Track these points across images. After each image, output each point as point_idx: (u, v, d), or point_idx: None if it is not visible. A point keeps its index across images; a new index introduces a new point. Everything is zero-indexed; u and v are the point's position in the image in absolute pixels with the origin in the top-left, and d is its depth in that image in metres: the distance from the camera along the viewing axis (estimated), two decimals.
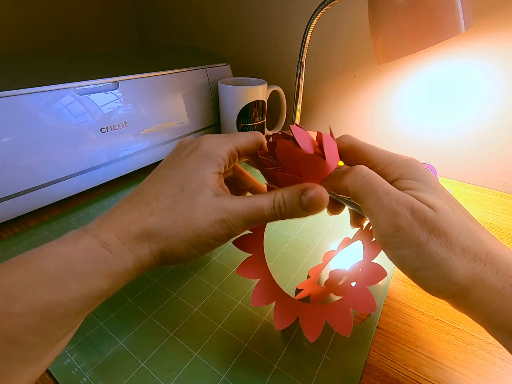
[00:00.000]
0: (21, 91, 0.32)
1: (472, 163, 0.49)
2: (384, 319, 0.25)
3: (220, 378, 0.21)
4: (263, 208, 0.18)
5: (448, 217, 0.16)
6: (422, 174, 0.18)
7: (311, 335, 0.20)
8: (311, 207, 0.17)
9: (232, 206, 0.18)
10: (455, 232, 0.15)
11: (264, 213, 0.18)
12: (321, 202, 0.17)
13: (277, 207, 0.18)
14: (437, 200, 0.16)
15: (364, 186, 0.17)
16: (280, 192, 0.18)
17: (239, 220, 0.17)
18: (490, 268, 0.15)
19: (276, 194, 0.18)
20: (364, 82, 0.54)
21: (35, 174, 0.35)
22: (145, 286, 0.28)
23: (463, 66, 0.45)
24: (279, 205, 0.18)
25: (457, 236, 0.15)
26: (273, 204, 0.18)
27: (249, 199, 0.18)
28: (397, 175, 0.18)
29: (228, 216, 0.17)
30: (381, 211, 0.16)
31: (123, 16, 0.82)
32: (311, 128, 0.65)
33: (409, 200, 0.16)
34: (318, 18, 0.43)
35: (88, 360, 0.22)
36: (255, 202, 0.18)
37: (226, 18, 0.67)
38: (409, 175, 0.17)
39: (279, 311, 0.21)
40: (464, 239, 0.15)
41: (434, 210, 0.16)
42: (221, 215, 0.17)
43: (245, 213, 0.18)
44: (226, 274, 0.29)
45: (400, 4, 0.33)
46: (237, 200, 0.18)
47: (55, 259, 0.15)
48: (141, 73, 0.42)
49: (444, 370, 0.22)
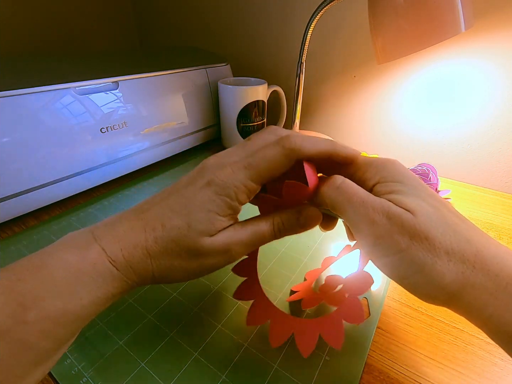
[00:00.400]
0: (21, 91, 0.32)
1: (472, 163, 0.49)
2: (384, 319, 0.25)
3: (220, 378, 0.21)
4: (264, 233, 0.19)
5: (429, 219, 0.15)
6: (401, 175, 0.17)
7: (305, 351, 0.20)
8: (308, 224, 0.19)
9: (236, 237, 0.18)
10: (437, 234, 0.15)
11: (264, 236, 0.19)
12: (318, 217, 0.19)
13: (277, 231, 0.19)
14: (416, 202, 0.16)
15: (340, 197, 0.17)
16: (278, 217, 0.19)
17: (242, 248, 0.18)
18: (480, 270, 0.14)
19: (274, 218, 0.19)
20: (364, 82, 0.54)
21: (35, 174, 0.35)
22: (145, 286, 0.28)
23: (463, 66, 0.45)
24: (279, 229, 0.19)
25: (440, 238, 0.15)
26: (273, 227, 0.19)
27: (251, 227, 0.19)
28: (377, 178, 0.17)
29: (234, 247, 0.18)
30: (359, 220, 0.16)
31: (123, 16, 0.82)
32: (311, 128, 0.65)
33: (385, 206, 0.16)
34: (318, 18, 0.43)
35: (88, 360, 0.22)
36: (256, 229, 0.19)
37: (226, 18, 0.67)
38: (388, 177, 0.17)
39: (274, 329, 0.21)
40: (448, 241, 0.15)
41: (413, 213, 0.15)
42: (226, 247, 0.18)
43: (248, 240, 0.18)
44: (226, 274, 0.29)
45: (400, 4, 0.33)
46: (240, 230, 0.18)
47: (65, 269, 0.15)
48: (141, 73, 0.42)
49: (444, 370, 0.22)
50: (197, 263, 0.18)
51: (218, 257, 0.18)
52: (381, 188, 0.17)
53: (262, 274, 0.29)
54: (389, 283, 0.29)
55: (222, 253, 0.18)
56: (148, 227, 0.17)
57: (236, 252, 0.18)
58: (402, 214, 0.15)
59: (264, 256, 0.31)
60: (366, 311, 0.26)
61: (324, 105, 0.61)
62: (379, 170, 0.18)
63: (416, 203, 0.15)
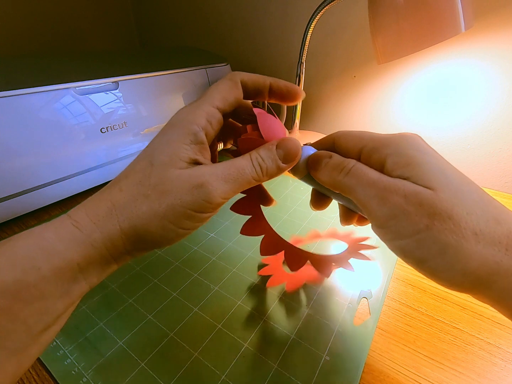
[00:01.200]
0: (21, 91, 0.32)
1: (472, 163, 0.49)
2: (384, 319, 0.25)
3: (220, 378, 0.21)
4: (243, 167, 0.17)
5: (452, 195, 0.13)
6: (416, 149, 0.16)
7: (325, 273, 0.25)
8: (288, 157, 0.18)
9: (209, 170, 0.16)
10: (463, 213, 0.13)
11: (245, 172, 0.17)
12: (297, 149, 0.18)
13: (257, 165, 0.17)
14: (438, 177, 0.14)
15: (352, 179, 0.16)
16: (254, 151, 0.18)
17: (219, 182, 0.16)
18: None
19: (252, 153, 0.18)
20: (364, 82, 0.54)
21: (35, 174, 0.35)
22: (145, 286, 0.28)
23: (463, 66, 0.45)
24: (258, 163, 0.17)
25: (467, 218, 0.13)
26: (252, 162, 0.17)
27: (227, 161, 0.17)
28: (389, 156, 0.16)
29: (208, 179, 0.16)
30: (372, 201, 0.15)
31: (123, 16, 0.82)
32: (311, 128, 0.65)
33: (399, 185, 0.14)
34: (318, 18, 0.43)
35: (88, 360, 0.22)
36: (233, 162, 0.17)
37: (226, 18, 0.67)
38: (401, 155, 0.16)
39: (289, 258, 0.23)
40: (475, 221, 0.13)
41: (432, 189, 0.14)
42: (198, 180, 0.16)
43: (225, 174, 0.16)
44: (226, 274, 0.29)
45: (400, 5, 0.33)
46: (214, 164, 0.17)
47: (28, 239, 0.14)
48: (141, 73, 0.42)
49: (444, 370, 0.22)
50: (167, 203, 0.15)
51: (192, 193, 0.15)
52: (393, 166, 0.15)
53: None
54: (389, 283, 0.29)
55: (195, 187, 0.16)
56: (112, 182, 0.17)
57: (213, 187, 0.16)
58: (420, 192, 0.14)
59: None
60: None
61: (324, 105, 0.61)
62: (392, 146, 0.16)
63: (437, 178, 0.14)
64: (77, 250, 0.14)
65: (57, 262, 0.14)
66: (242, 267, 0.30)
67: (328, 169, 0.18)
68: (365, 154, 0.17)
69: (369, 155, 0.17)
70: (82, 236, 0.15)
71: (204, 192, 0.16)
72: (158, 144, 0.17)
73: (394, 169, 0.15)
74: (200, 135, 0.17)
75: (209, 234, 0.35)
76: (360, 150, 0.18)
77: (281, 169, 0.18)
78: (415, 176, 0.14)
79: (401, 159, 0.15)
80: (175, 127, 0.17)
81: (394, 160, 0.15)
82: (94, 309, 0.26)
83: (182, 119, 0.17)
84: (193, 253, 0.32)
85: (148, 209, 0.15)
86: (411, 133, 0.17)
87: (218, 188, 0.16)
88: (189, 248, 0.33)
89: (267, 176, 0.18)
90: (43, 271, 0.13)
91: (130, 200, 0.16)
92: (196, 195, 0.16)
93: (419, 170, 0.14)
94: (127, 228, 0.15)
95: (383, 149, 0.16)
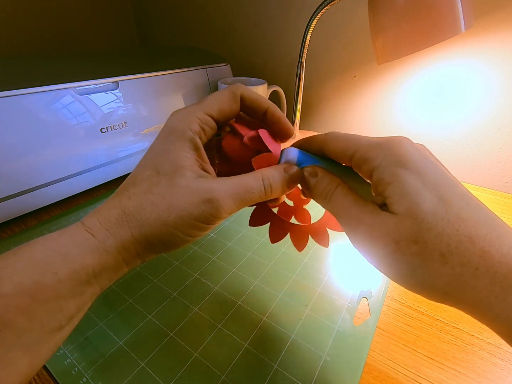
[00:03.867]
0: (21, 91, 0.32)
1: (472, 163, 0.49)
2: (384, 319, 0.25)
3: (220, 378, 0.21)
4: (252, 187, 0.17)
5: (420, 220, 0.14)
6: (406, 157, 0.15)
7: (325, 242, 0.23)
8: (293, 180, 0.19)
9: (218, 186, 0.17)
10: (429, 237, 0.14)
11: (253, 192, 0.17)
12: (299, 175, 0.19)
13: (268, 186, 0.18)
14: (408, 199, 0.14)
15: (333, 206, 0.18)
16: (266, 171, 0.18)
17: (227, 199, 0.17)
18: (484, 273, 0.13)
19: (263, 173, 0.18)
20: (364, 82, 0.54)
21: (35, 174, 0.35)
22: (145, 286, 0.28)
23: (463, 66, 0.45)
24: (270, 184, 0.18)
25: (434, 240, 0.14)
26: (263, 182, 0.18)
27: (235, 179, 0.17)
28: (379, 162, 0.16)
29: (216, 195, 0.16)
30: (346, 227, 0.17)
31: (123, 16, 0.82)
32: (311, 128, 0.65)
33: (365, 217, 0.16)
34: (318, 18, 0.43)
35: (88, 360, 0.22)
36: (242, 181, 0.17)
37: (226, 18, 0.67)
38: (385, 172, 0.15)
39: (295, 239, 0.23)
40: (445, 242, 0.13)
41: (401, 215, 0.14)
42: (207, 195, 0.16)
43: (234, 192, 0.17)
44: (226, 274, 0.29)
45: (400, 5, 0.33)
46: (223, 180, 0.17)
47: (44, 244, 0.15)
48: (141, 73, 0.42)
49: (444, 370, 0.22)
50: (176, 214, 0.16)
51: (200, 207, 0.16)
52: (379, 181, 0.16)
53: (262, 274, 0.29)
54: (389, 283, 0.29)
55: (203, 201, 0.16)
56: (121, 190, 0.17)
57: (220, 203, 0.16)
58: (384, 223, 0.15)
59: (264, 256, 0.32)
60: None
61: (324, 105, 0.61)
62: (382, 151, 0.16)
63: (409, 202, 0.14)
64: (92, 255, 0.15)
65: (72, 266, 0.15)
66: (242, 267, 0.30)
67: (315, 194, 0.19)
68: (355, 163, 0.17)
69: (359, 165, 0.17)
70: (96, 242, 0.15)
71: (212, 208, 0.16)
72: (160, 151, 0.18)
73: (378, 185, 0.16)
74: (196, 141, 0.18)
75: (209, 234, 0.35)
76: (351, 156, 0.18)
77: (285, 192, 0.19)
78: (392, 197, 0.15)
79: (384, 176, 0.15)
80: (173, 134, 0.18)
81: (379, 176, 0.16)
82: (94, 309, 0.26)
83: (177, 128, 0.18)
84: (193, 253, 0.32)
85: (157, 218, 0.16)
86: (399, 139, 0.16)
87: (225, 205, 0.17)
88: (189, 248, 0.33)
89: (272, 197, 0.19)
90: (59, 275, 0.14)
91: (139, 208, 0.16)
92: (204, 209, 0.16)
93: (397, 192, 0.15)
94: (137, 234, 0.16)
95: (370, 161, 0.16)
